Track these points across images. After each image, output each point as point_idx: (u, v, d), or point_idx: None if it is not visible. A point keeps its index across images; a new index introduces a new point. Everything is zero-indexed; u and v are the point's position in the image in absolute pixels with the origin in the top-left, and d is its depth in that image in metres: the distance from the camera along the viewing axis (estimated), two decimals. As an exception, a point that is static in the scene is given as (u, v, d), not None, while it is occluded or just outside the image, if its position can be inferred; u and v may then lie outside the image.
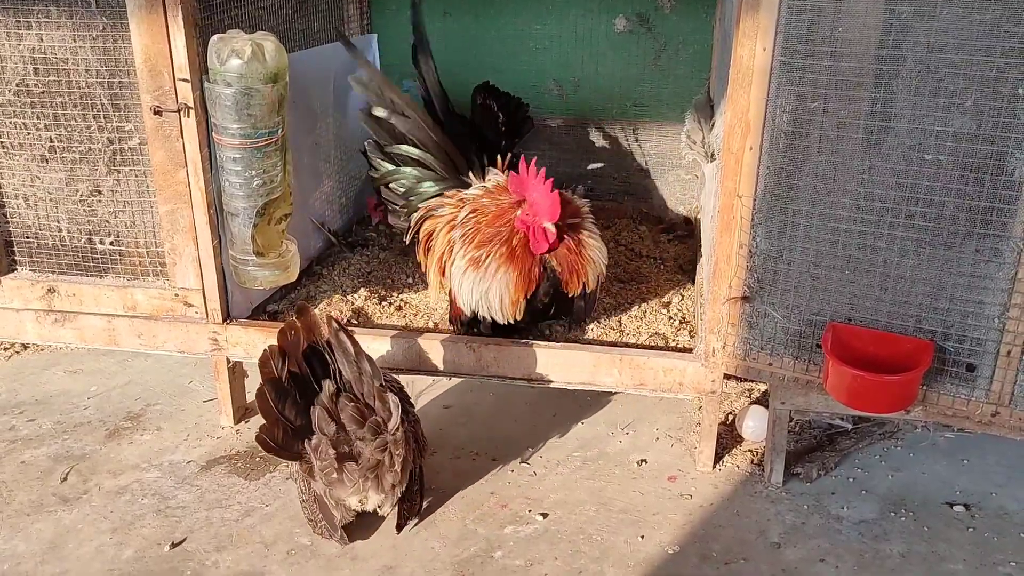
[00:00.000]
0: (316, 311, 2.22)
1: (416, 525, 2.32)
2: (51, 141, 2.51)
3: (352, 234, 3.48)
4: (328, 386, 2.10)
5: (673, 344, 2.66)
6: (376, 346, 2.58)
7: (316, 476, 2.14)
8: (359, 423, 2.07)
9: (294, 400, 2.13)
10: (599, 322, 2.77)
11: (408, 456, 2.14)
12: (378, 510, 2.24)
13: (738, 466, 2.57)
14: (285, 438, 2.13)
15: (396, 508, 2.27)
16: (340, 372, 2.14)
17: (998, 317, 2.04)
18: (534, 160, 2.47)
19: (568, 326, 2.70)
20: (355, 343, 2.13)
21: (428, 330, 2.71)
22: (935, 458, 2.61)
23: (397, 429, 2.07)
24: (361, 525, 2.29)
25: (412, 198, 2.86)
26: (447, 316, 2.76)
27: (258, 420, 2.77)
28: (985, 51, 1.86)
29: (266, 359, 2.14)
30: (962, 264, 2.03)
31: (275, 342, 2.17)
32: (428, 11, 3.68)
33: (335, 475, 2.10)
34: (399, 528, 2.28)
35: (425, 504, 2.37)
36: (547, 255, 2.50)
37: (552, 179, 2.43)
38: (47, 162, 2.54)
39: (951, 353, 2.11)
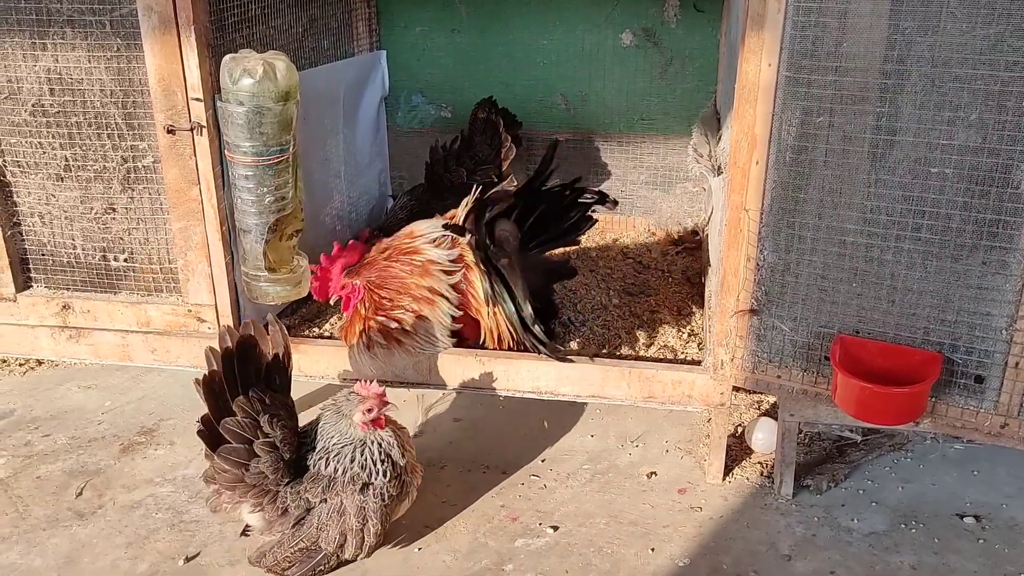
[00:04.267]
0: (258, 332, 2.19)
1: (427, 538, 2.34)
2: (66, 160, 2.54)
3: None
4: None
5: (682, 357, 2.67)
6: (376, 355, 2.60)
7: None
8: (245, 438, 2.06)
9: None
10: (608, 335, 2.78)
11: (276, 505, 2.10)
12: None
13: (748, 478, 2.57)
14: (230, 390, 2.08)
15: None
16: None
17: (1006, 329, 2.04)
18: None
19: None
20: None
21: (438, 344, 2.73)
22: (945, 469, 2.61)
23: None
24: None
25: None
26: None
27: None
28: (989, 65, 1.88)
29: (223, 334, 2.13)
30: (969, 276, 2.04)
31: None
32: (436, 28, 3.73)
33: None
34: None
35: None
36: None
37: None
38: (62, 180, 2.57)
39: (959, 365, 2.12)
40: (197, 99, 2.36)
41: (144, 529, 2.40)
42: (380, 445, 2.12)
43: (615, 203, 2.71)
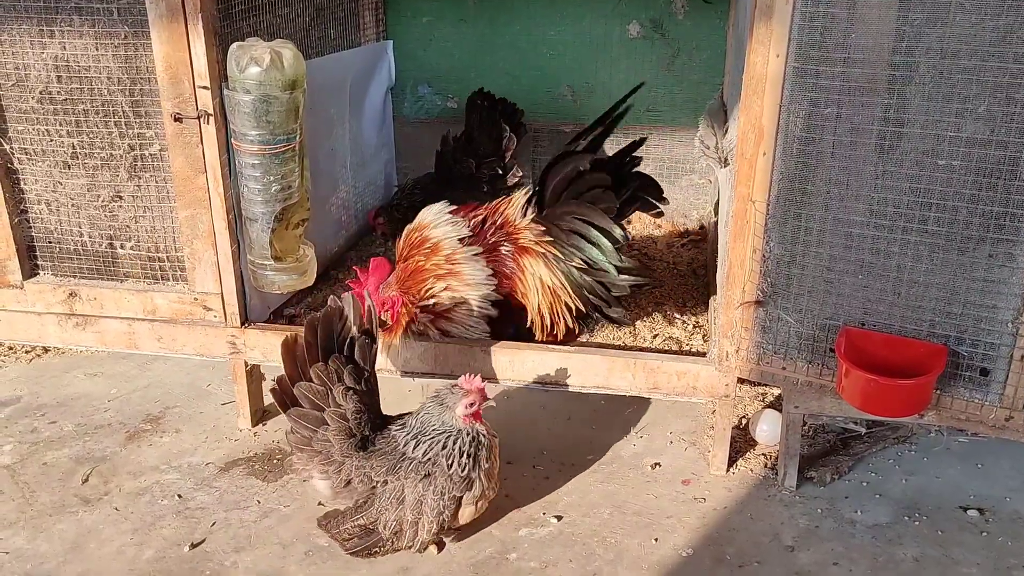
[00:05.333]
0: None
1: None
2: (73, 147, 2.55)
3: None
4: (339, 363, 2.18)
5: (687, 348, 2.68)
6: (391, 350, 2.61)
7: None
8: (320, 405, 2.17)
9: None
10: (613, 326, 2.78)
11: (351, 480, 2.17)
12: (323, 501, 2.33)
13: (752, 470, 2.58)
14: (310, 356, 2.18)
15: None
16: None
17: (1011, 322, 2.04)
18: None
19: None
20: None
21: (443, 334, 2.74)
22: (949, 462, 2.61)
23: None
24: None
25: None
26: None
27: (274, 423, 2.82)
28: (998, 57, 1.87)
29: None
30: (975, 269, 2.04)
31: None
32: (443, 18, 3.73)
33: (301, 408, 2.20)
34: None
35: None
36: None
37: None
38: (69, 168, 2.58)
39: (965, 357, 2.12)
40: (204, 87, 2.36)
41: (150, 515, 2.41)
42: (474, 439, 2.16)
43: (660, 213, 2.85)
